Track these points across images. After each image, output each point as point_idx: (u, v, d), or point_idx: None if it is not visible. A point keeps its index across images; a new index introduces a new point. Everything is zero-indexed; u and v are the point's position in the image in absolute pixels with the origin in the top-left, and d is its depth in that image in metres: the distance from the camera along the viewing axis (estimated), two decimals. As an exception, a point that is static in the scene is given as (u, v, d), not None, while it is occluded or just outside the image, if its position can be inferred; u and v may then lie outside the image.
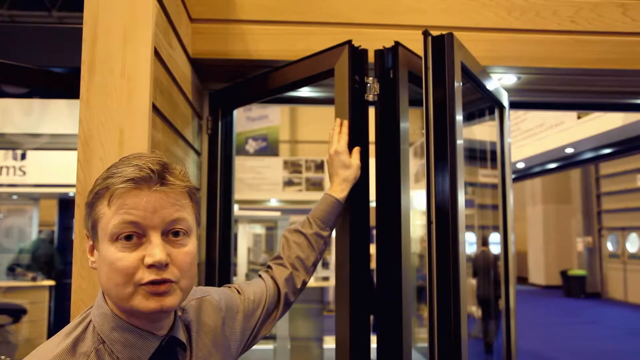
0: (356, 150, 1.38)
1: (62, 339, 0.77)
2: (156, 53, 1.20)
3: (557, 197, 14.72)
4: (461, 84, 1.36)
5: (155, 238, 0.75)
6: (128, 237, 0.75)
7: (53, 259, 6.03)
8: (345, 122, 1.39)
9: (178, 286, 0.77)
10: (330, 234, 1.31)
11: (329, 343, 4.85)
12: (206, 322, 0.95)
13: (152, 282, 0.74)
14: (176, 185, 0.78)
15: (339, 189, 1.32)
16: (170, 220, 0.77)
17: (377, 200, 1.47)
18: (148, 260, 0.74)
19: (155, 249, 0.74)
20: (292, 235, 1.27)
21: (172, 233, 0.77)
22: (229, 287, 1.10)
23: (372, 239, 1.43)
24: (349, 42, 1.43)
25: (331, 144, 1.37)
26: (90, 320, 0.79)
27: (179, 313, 0.89)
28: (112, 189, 0.75)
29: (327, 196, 1.31)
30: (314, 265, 1.27)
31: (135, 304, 0.75)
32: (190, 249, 0.79)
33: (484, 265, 5.74)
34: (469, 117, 2.14)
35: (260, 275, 1.22)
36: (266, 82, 1.64)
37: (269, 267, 1.24)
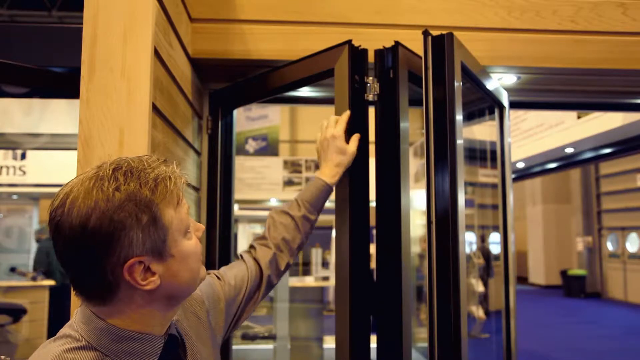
0: (355, 137, 1.36)
1: None
2: (156, 53, 1.20)
3: (557, 197, 14.72)
4: (461, 84, 1.36)
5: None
6: None
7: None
8: (347, 112, 1.38)
9: None
10: (317, 218, 1.29)
11: (329, 343, 4.84)
12: (192, 317, 0.95)
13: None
14: None
15: (330, 174, 1.30)
16: None
17: (377, 200, 1.47)
18: (199, 234, 0.83)
19: (196, 222, 0.84)
20: (279, 216, 1.25)
21: None
22: (209, 274, 1.09)
23: (372, 239, 1.43)
24: (349, 42, 1.43)
25: (327, 128, 1.35)
26: (83, 345, 0.74)
27: None
28: (175, 190, 0.77)
29: (317, 180, 1.29)
30: (299, 247, 1.26)
31: (201, 275, 0.84)
32: None
33: (486, 255, 8.16)
34: (469, 117, 2.14)
35: (241, 256, 1.20)
36: (266, 82, 1.64)
37: (252, 247, 1.22)
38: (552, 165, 10.58)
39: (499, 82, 1.85)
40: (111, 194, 0.70)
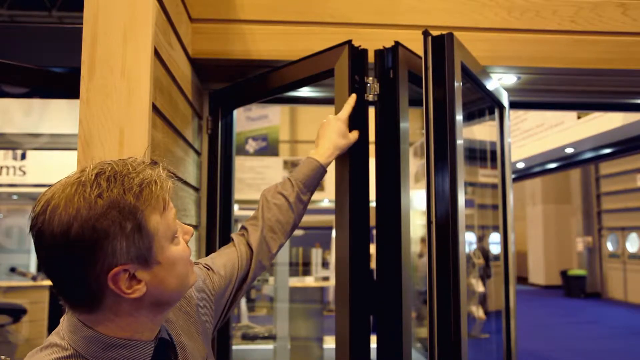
0: (355, 131, 1.39)
1: None
2: (156, 53, 1.20)
3: (557, 197, 14.72)
4: (461, 84, 1.36)
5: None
6: None
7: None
8: (354, 95, 1.39)
9: None
10: (310, 198, 1.28)
11: (329, 343, 4.84)
12: (181, 315, 0.94)
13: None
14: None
15: (326, 154, 1.30)
16: None
17: (377, 200, 1.47)
18: (187, 237, 0.81)
19: (185, 225, 0.81)
20: (272, 197, 1.23)
21: None
22: (197, 264, 1.07)
23: (372, 239, 1.43)
24: (349, 42, 1.43)
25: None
26: (71, 354, 0.73)
27: None
28: (162, 195, 0.74)
29: (312, 160, 1.28)
30: (292, 229, 1.25)
31: (192, 280, 0.82)
32: None
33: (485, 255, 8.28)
34: (469, 117, 2.14)
35: (232, 240, 1.18)
36: (266, 82, 1.64)
37: (245, 228, 1.21)
38: (552, 165, 10.59)
39: (499, 82, 1.85)
40: (93, 201, 0.68)
